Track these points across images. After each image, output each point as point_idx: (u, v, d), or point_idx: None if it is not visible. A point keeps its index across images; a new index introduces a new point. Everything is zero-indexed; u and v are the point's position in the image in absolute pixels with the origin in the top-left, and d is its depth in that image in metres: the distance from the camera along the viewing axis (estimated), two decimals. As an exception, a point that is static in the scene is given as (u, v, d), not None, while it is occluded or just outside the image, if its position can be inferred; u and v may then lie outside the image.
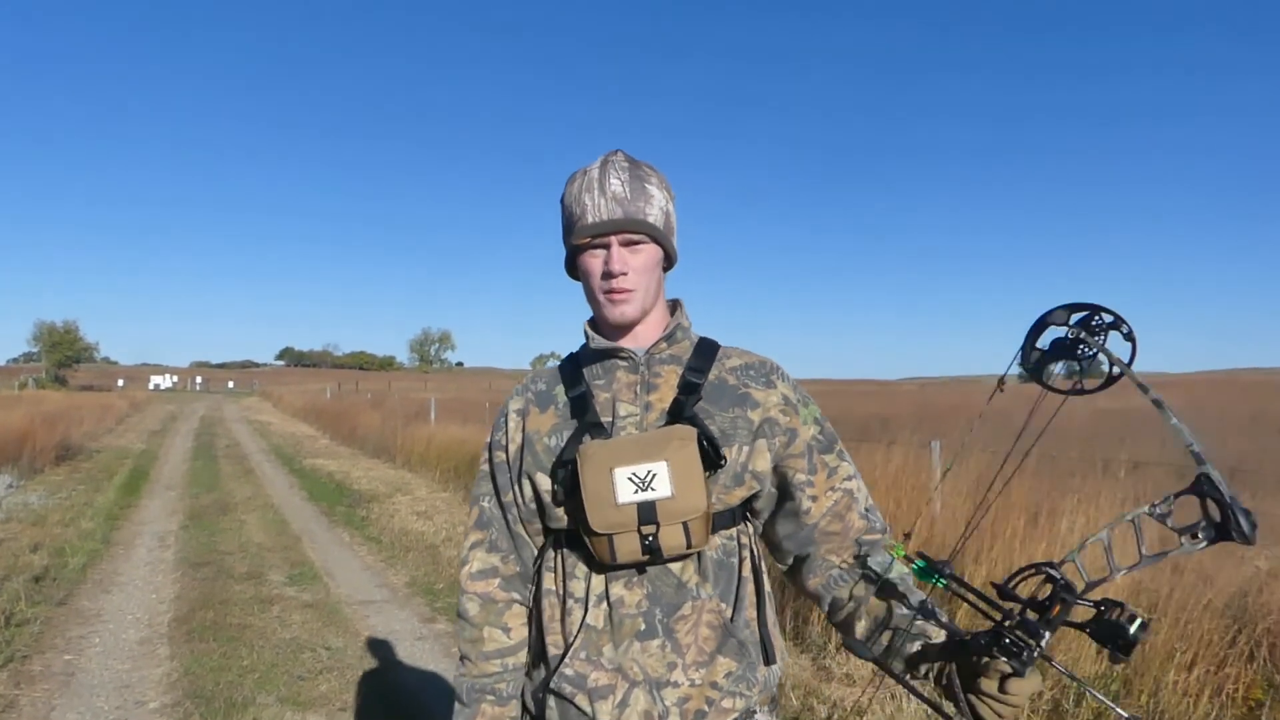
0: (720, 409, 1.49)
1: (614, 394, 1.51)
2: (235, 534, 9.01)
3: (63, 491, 11.82)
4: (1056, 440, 7.18)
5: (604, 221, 1.46)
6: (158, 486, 12.91)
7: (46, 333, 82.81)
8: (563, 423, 1.52)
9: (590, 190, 1.47)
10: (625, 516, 1.37)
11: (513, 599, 1.55)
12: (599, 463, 1.40)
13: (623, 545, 1.39)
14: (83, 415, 22.73)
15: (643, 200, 1.47)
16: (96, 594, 6.59)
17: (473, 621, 1.54)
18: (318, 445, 20.68)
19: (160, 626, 5.76)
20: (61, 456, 15.61)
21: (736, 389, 1.52)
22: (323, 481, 13.49)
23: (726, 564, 1.49)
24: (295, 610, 6.16)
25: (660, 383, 1.51)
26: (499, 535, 1.57)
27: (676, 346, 1.55)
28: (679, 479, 1.37)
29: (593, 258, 1.49)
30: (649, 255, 1.50)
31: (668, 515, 1.37)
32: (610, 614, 1.45)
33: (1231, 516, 1.04)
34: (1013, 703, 1.18)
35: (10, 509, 10.06)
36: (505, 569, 1.56)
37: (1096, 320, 1.14)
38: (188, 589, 6.72)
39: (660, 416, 1.48)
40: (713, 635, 1.45)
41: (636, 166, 1.50)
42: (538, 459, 1.51)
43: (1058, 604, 1.12)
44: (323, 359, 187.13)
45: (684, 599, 1.45)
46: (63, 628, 5.69)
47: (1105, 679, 4.18)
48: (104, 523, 9.48)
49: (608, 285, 1.48)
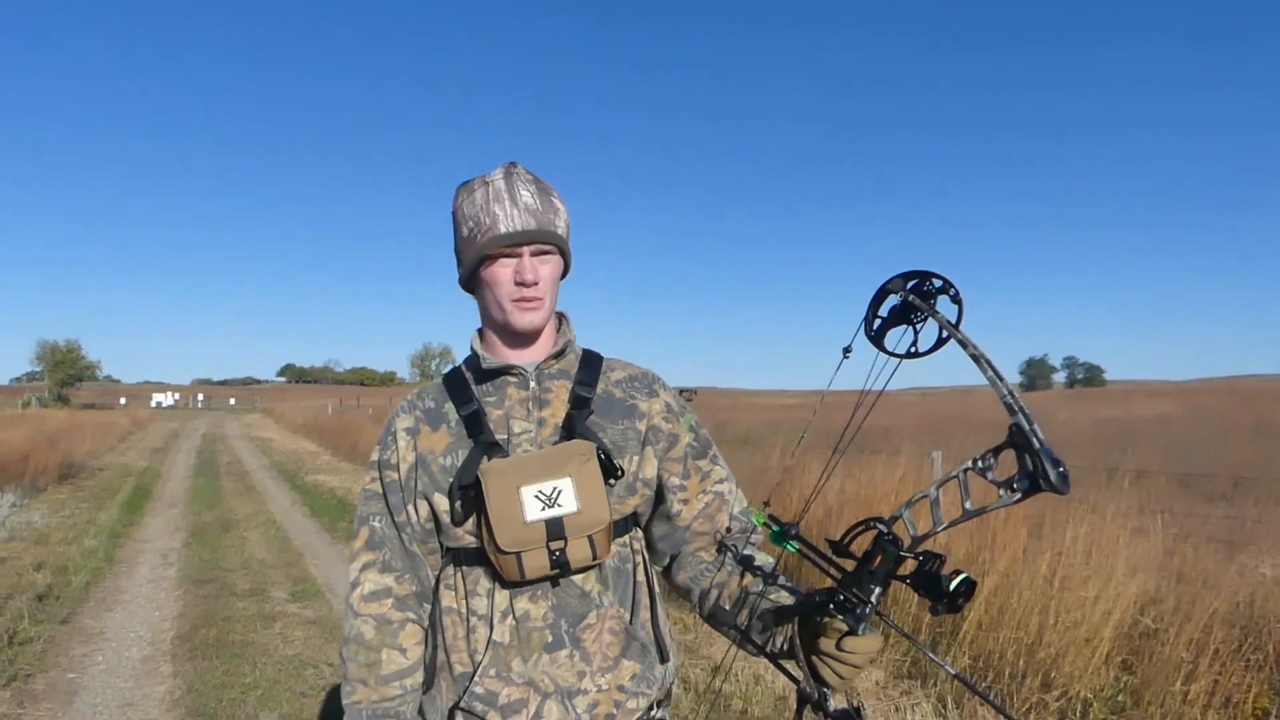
0: (611, 421, 1.54)
1: (506, 411, 1.53)
2: (237, 551, 9.00)
3: (66, 510, 11.82)
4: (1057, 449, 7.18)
5: (519, 231, 1.46)
6: (160, 504, 12.90)
7: (49, 352, 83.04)
8: (457, 441, 1.52)
9: (500, 200, 1.47)
10: (534, 534, 1.41)
11: (408, 619, 1.54)
12: (504, 482, 1.42)
13: (531, 562, 1.42)
14: (85, 434, 22.71)
15: (552, 212, 1.50)
16: (100, 612, 6.58)
17: (369, 644, 1.52)
18: (319, 461, 20.66)
19: (163, 644, 5.75)
20: (64, 475, 15.59)
21: (624, 401, 1.57)
22: (324, 497, 13.48)
23: (623, 570, 1.55)
24: (298, 627, 6.14)
25: (551, 398, 1.54)
26: (393, 555, 1.55)
27: (564, 361, 1.58)
28: (584, 494, 1.41)
29: (502, 267, 1.49)
30: (555, 266, 1.52)
31: (575, 529, 1.41)
32: (517, 629, 1.48)
33: (1040, 466, 1.05)
34: (851, 661, 1.22)
35: (13, 528, 10.06)
36: (399, 589, 1.54)
37: (927, 286, 1.17)
38: (190, 606, 6.71)
39: (554, 432, 1.51)
40: (615, 640, 1.50)
41: (539, 180, 1.52)
42: (434, 479, 1.51)
43: (879, 555, 1.16)
44: (324, 375, 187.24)
45: (588, 608, 1.49)
46: (66, 646, 5.68)
47: (1113, 687, 4.17)
48: (107, 541, 9.47)
49: (520, 294, 1.49)
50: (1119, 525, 4.78)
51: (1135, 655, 4.31)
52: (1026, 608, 4.54)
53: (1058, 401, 57.01)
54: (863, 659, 1.22)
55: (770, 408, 55.86)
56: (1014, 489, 1.08)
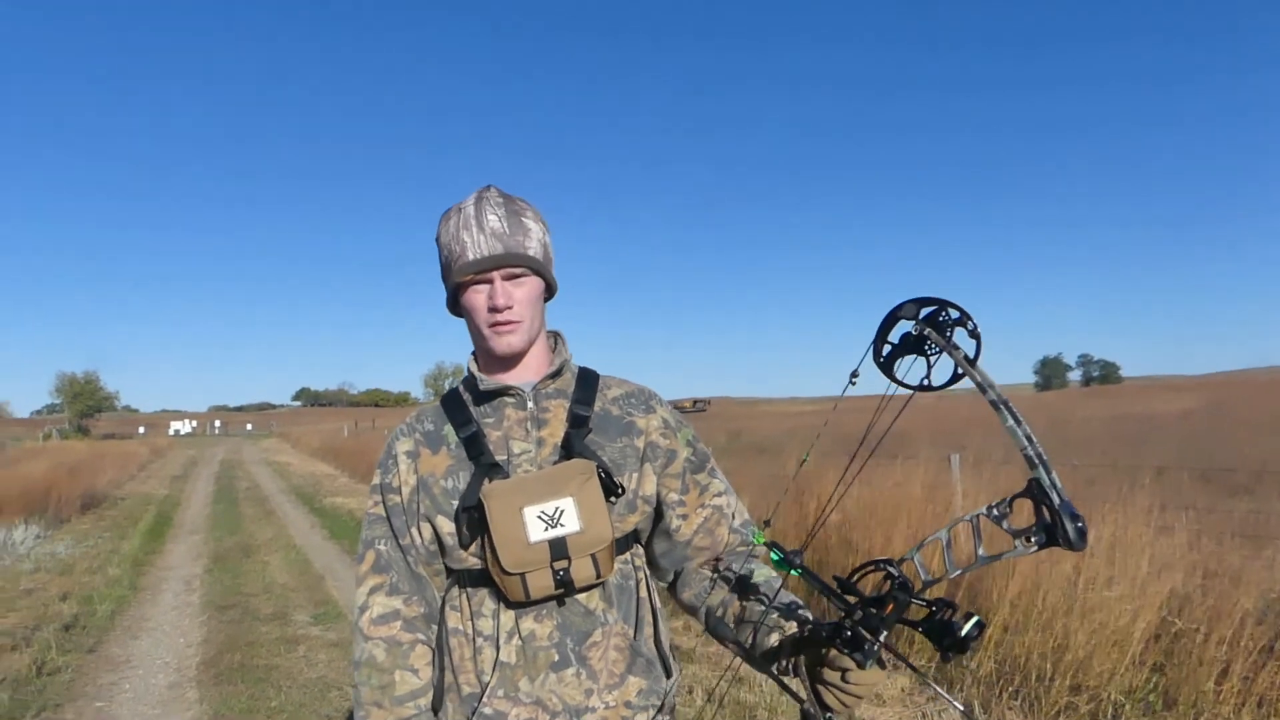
0: (609, 439, 1.54)
1: (505, 432, 1.54)
2: (259, 575, 9.04)
3: (89, 540, 11.90)
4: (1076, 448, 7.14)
5: (485, 257, 1.47)
6: (181, 531, 12.97)
7: (68, 384, 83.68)
8: (458, 464, 1.53)
9: (469, 227, 1.48)
10: (538, 554, 1.41)
11: (417, 640, 1.54)
12: (507, 503, 1.43)
13: (535, 582, 1.43)
14: (105, 464, 22.86)
15: (521, 234, 1.50)
16: (125, 640, 6.62)
17: (381, 667, 1.51)
18: (337, 484, 20.74)
19: (189, 670, 5.78)
20: (86, 505, 15.69)
21: (621, 419, 1.57)
22: (343, 519, 13.51)
23: (626, 588, 1.56)
24: (321, 649, 6.16)
25: (549, 418, 1.55)
26: (400, 578, 1.55)
27: (561, 380, 1.59)
28: (586, 513, 1.42)
29: (476, 293, 1.51)
30: (531, 287, 1.52)
31: (578, 549, 1.42)
32: (524, 648, 1.48)
33: (1059, 523, 1.04)
34: (854, 693, 1.23)
35: (38, 559, 10.13)
36: (408, 611, 1.54)
37: (944, 316, 1.12)
38: (214, 632, 6.74)
39: (553, 451, 1.52)
40: (621, 657, 1.51)
41: (511, 201, 1.53)
42: (436, 502, 1.52)
43: (890, 602, 1.15)
44: (338, 398, 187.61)
45: (593, 626, 1.50)
46: (93, 675, 5.72)
47: (1144, 688, 4.13)
48: (130, 569, 9.53)
49: (493, 318, 1.50)
50: (1143, 523, 4.74)
51: (1166, 655, 4.27)
52: (1052, 609, 4.51)
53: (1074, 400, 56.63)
54: (867, 690, 1.23)
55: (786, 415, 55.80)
56: (1030, 540, 1.07)
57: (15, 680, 5.46)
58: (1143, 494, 5.01)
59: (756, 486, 7.97)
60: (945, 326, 1.12)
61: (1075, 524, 1.03)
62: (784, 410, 71.52)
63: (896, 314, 1.16)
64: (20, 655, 6.02)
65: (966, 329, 1.11)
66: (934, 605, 1.13)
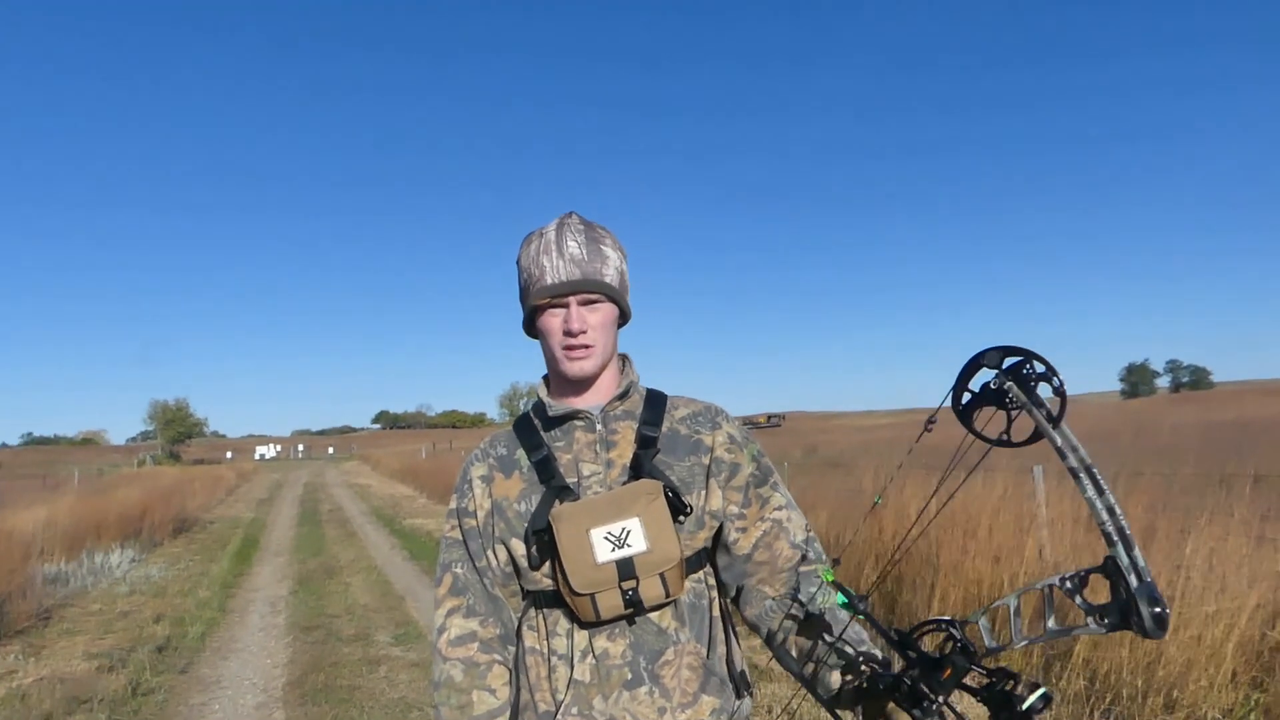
0: (677, 459, 1.56)
1: (575, 454, 1.56)
2: (342, 597, 9.22)
3: (181, 563, 12.29)
4: (1166, 457, 6.86)
5: (563, 283, 1.51)
6: (267, 553, 13.33)
7: (160, 411, 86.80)
8: (530, 487, 1.56)
9: (549, 252, 1.52)
10: (605, 574, 1.44)
11: (494, 660, 1.56)
12: (575, 525, 1.45)
13: (605, 602, 1.45)
14: (195, 489, 23.64)
15: (599, 261, 1.53)
16: (215, 661, 6.80)
17: (459, 687, 1.53)
18: (416, 505, 21.09)
19: (275, 690, 5.91)
20: (178, 529, 16.24)
21: (689, 437, 1.59)
22: (423, 541, 13.71)
23: (699, 606, 1.56)
24: (402, 670, 6.24)
25: (618, 439, 1.57)
26: (476, 600, 1.58)
27: (629, 402, 1.61)
28: (653, 532, 1.44)
29: (552, 317, 1.54)
30: (606, 313, 1.55)
31: (646, 568, 1.44)
32: (597, 667, 1.50)
33: (1135, 607, 0.99)
34: None
35: (133, 582, 10.49)
36: (484, 632, 1.57)
37: (1028, 369, 1.07)
38: (299, 653, 6.89)
39: (622, 472, 1.54)
40: (694, 676, 1.51)
41: (591, 228, 1.56)
42: (510, 525, 1.55)
43: (949, 667, 1.11)
44: (416, 420, 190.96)
45: (665, 645, 1.51)
46: (185, 695, 5.88)
47: (1244, 706, 3.95)
48: (219, 591, 9.81)
49: (567, 342, 1.53)
50: (1241, 534, 4.54)
51: (1266, 672, 4.08)
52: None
53: (1163, 406, 54.68)
54: None
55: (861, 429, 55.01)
56: (1102, 619, 1.02)
57: (113, 700, 5.65)
58: (1240, 503, 4.80)
59: (833, 501, 7.86)
60: (1029, 380, 1.08)
61: (1153, 609, 0.98)
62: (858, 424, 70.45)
63: (979, 361, 1.12)
64: (117, 676, 6.23)
65: (1051, 385, 1.07)
66: (994, 674, 1.09)
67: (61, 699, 5.64)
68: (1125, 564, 1.00)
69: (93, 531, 12.50)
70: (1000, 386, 1.09)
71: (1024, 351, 1.08)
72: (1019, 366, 1.09)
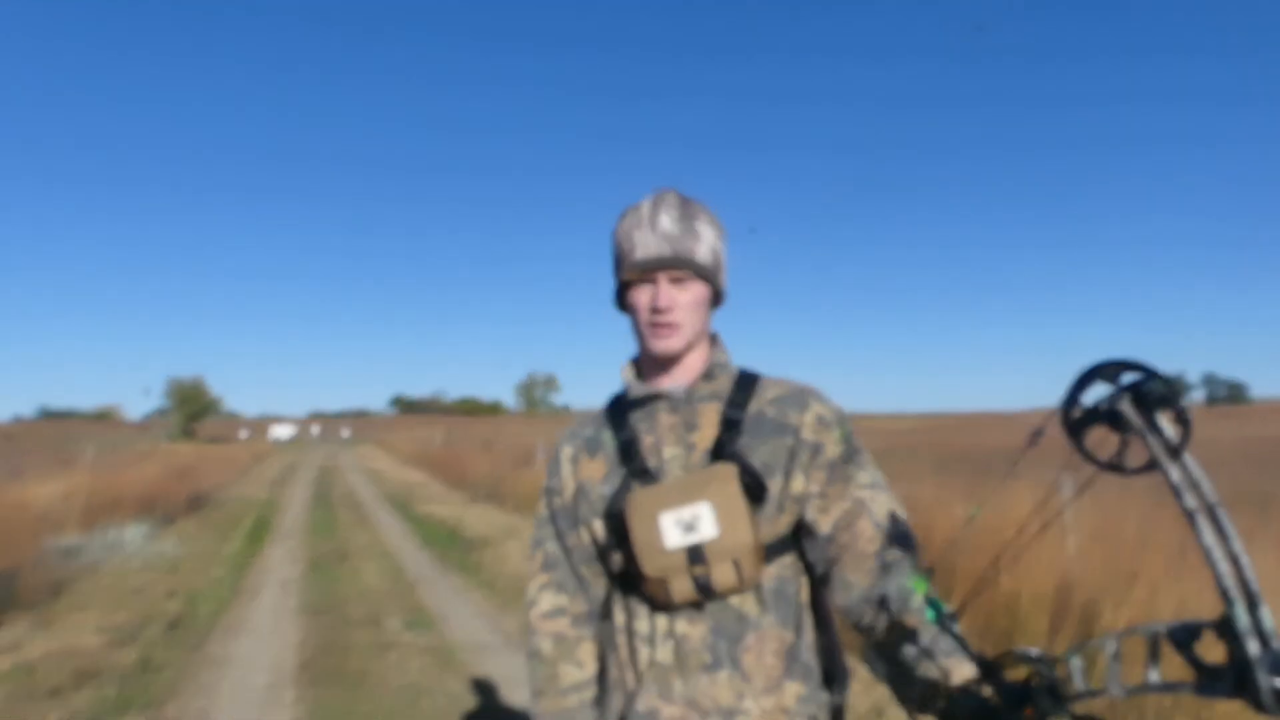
0: (761, 441, 1.52)
1: (658, 436, 1.56)
2: (353, 580, 9.22)
3: (194, 541, 12.34)
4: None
5: (653, 258, 1.50)
6: (280, 535, 13.36)
7: (176, 389, 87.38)
8: (613, 469, 1.58)
9: (641, 227, 1.51)
10: (675, 560, 1.43)
11: (582, 635, 1.61)
12: (644, 510, 1.46)
13: (677, 587, 1.45)
14: (210, 467, 23.78)
15: (691, 239, 1.51)
16: (226, 640, 6.79)
17: (547, 659, 1.60)
18: (430, 491, 21.11)
19: (286, 672, 5.89)
20: (192, 507, 16.34)
21: (776, 420, 1.54)
22: (435, 527, 13.72)
23: (784, 592, 1.53)
24: (413, 656, 6.22)
25: (702, 421, 1.55)
26: (565, 576, 1.63)
27: (715, 383, 1.58)
28: (724, 518, 1.42)
29: (641, 292, 1.53)
30: (696, 292, 1.53)
31: (716, 555, 1.42)
32: (677, 649, 1.50)
33: (1252, 677, 0.85)
34: None
35: (147, 558, 10.53)
36: (573, 608, 1.62)
37: (1148, 387, 0.93)
38: (310, 635, 6.88)
39: (704, 455, 1.52)
40: (778, 662, 1.49)
41: (687, 205, 1.54)
42: (593, 506, 1.58)
43: (1030, 706, 1.02)
44: (432, 405, 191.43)
45: (746, 630, 1.49)
46: (196, 673, 5.87)
47: None
48: (232, 571, 9.84)
49: (654, 319, 1.52)
50: (1276, 556, 4.43)
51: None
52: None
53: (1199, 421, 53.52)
54: None
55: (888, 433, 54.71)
56: (1212, 683, 0.89)
57: (123, 675, 5.65)
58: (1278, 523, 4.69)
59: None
60: (1148, 401, 0.93)
61: (1273, 680, 0.84)
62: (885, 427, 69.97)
63: (1094, 374, 0.99)
64: (127, 651, 6.23)
65: (1174, 410, 0.93)
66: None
67: (71, 673, 5.65)
68: (1245, 626, 0.86)
69: (107, 506, 12.55)
70: (1113, 408, 0.96)
71: (1146, 369, 0.95)
72: (1138, 386, 0.95)
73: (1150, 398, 0.93)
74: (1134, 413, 0.93)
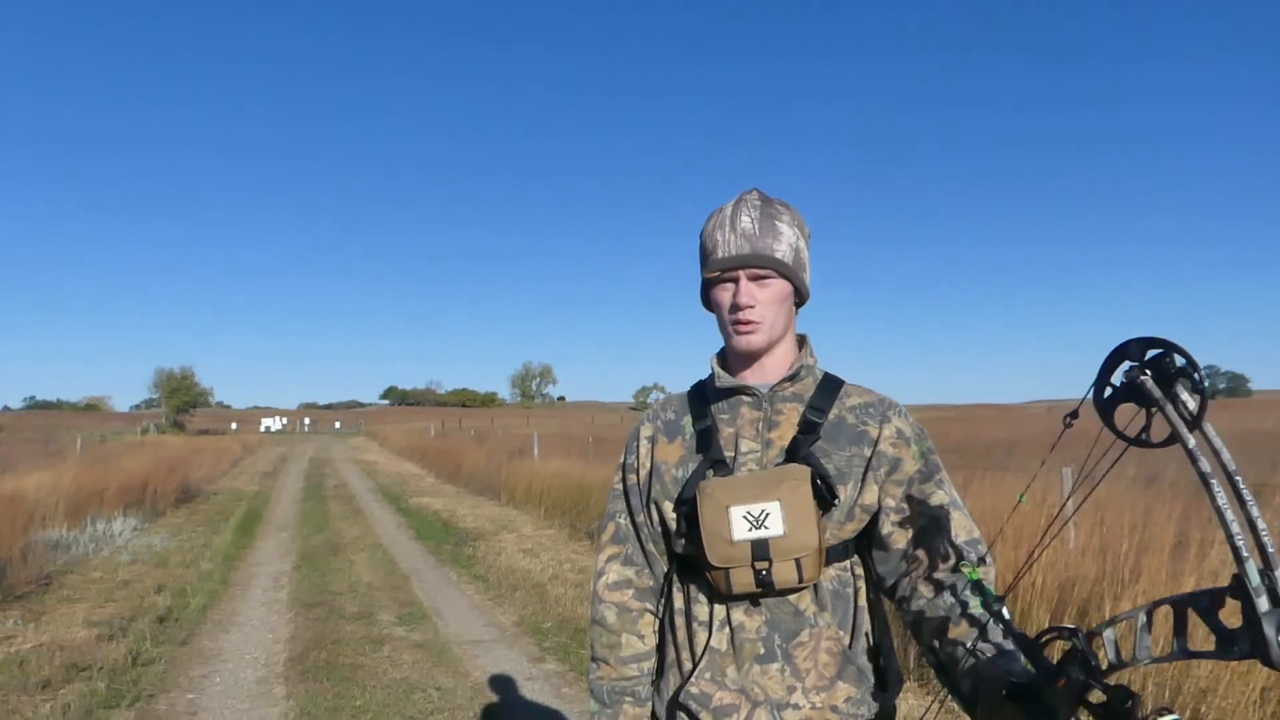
0: (838, 447, 1.55)
1: (737, 429, 1.59)
2: (345, 574, 9.15)
3: (183, 534, 12.25)
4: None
5: (732, 257, 1.54)
6: (270, 528, 13.28)
7: (165, 379, 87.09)
8: (689, 455, 1.61)
9: (723, 227, 1.56)
10: (740, 552, 1.46)
11: (646, 609, 1.65)
12: (716, 501, 1.48)
13: (738, 578, 1.48)
14: (200, 459, 23.67)
15: (771, 237, 1.55)
16: (216, 634, 6.74)
17: (610, 628, 1.64)
18: (423, 484, 21.05)
19: (276, 666, 5.84)
20: (181, 499, 16.24)
21: (855, 427, 1.57)
22: (429, 520, 13.66)
23: (843, 594, 1.56)
24: (405, 650, 6.17)
25: (782, 420, 1.58)
26: (633, 550, 1.67)
27: (799, 384, 1.61)
28: (791, 518, 1.45)
29: (723, 291, 1.58)
30: (777, 290, 1.56)
31: (780, 552, 1.45)
32: (732, 638, 1.54)
33: (1262, 636, 0.89)
34: None
35: (135, 551, 10.45)
36: (639, 581, 1.66)
37: (1168, 361, 0.99)
38: (301, 629, 6.82)
39: (780, 454, 1.55)
40: (832, 661, 1.52)
41: (769, 204, 1.58)
42: (665, 488, 1.61)
43: (1063, 678, 1.04)
44: (426, 397, 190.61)
45: (801, 626, 1.52)
46: (185, 667, 5.82)
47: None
48: (222, 564, 9.76)
49: (735, 317, 1.56)
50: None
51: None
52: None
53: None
54: None
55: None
56: (1232, 646, 0.93)
57: (112, 669, 5.58)
58: (1276, 517, 4.67)
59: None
60: (1168, 375, 0.98)
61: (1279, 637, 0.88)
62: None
63: (1121, 353, 1.04)
64: (117, 645, 6.16)
65: (1191, 381, 0.97)
66: (1114, 692, 1.01)
67: (61, 666, 5.58)
68: (1255, 585, 0.90)
69: (95, 499, 12.47)
70: (1134, 380, 1.00)
71: (1167, 344, 0.99)
72: (1160, 359, 0.99)
73: (1169, 371, 0.98)
74: (1154, 386, 0.98)
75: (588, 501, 11.80)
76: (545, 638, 6.45)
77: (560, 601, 7.50)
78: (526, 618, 7.09)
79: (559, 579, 8.41)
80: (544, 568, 9.03)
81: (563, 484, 13.38)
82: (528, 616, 7.13)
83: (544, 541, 10.86)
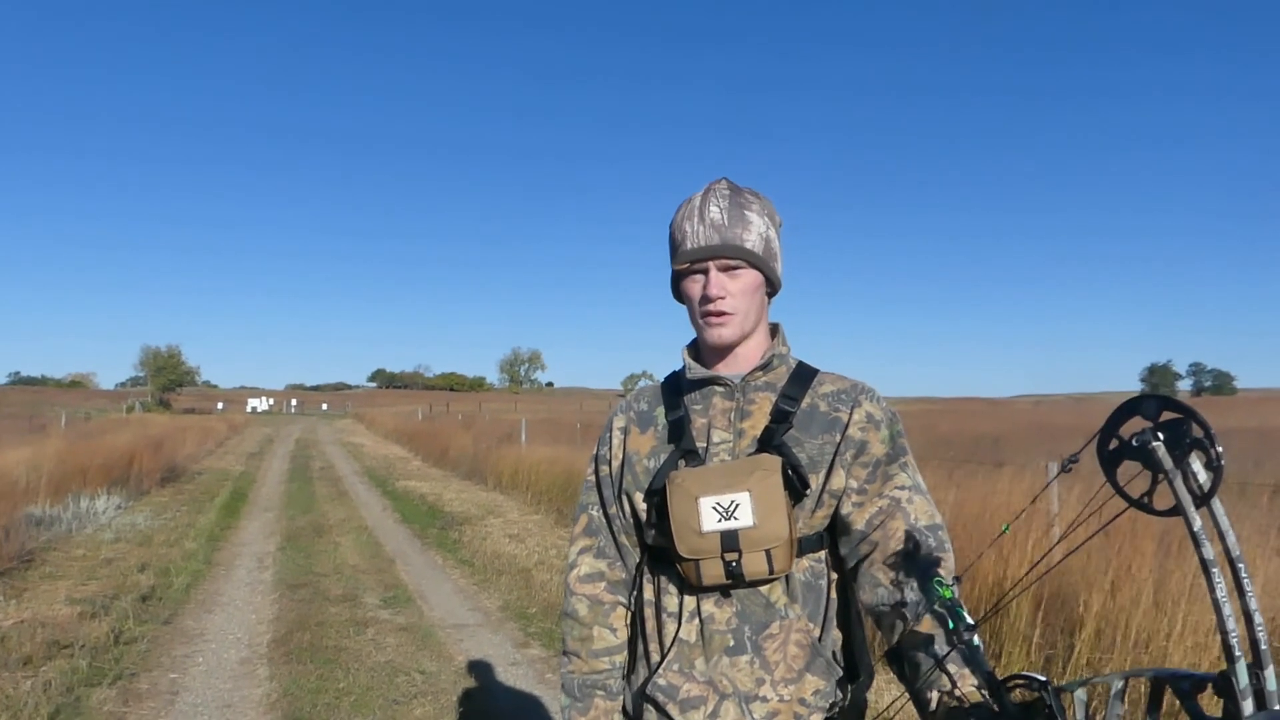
0: (810, 436, 1.54)
1: (710, 419, 1.58)
2: (330, 556, 9.13)
3: (167, 513, 12.19)
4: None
5: (701, 248, 1.53)
6: (256, 508, 13.23)
7: (152, 357, 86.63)
8: (660, 445, 1.60)
9: (691, 218, 1.54)
10: (709, 544, 1.45)
11: (618, 601, 1.64)
12: (685, 492, 1.47)
13: (707, 569, 1.47)
14: (185, 438, 23.54)
15: (740, 227, 1.53)
16: (200, 614, 6.71)
17: (582, 621, 1.63)
18: (410, 467, 21.01)
19: (260, 647, 5.82)
20: (166, 478, 16.15)
21: (828, 415, 1.56)
22: (415, 504, 13.64)
23: (815, 585, 1.55)
24: (389, 633, 6.16)
25: (754, 410, 1.57)
26: (605, 543, 1.66)
27: (772, 373, 1.60)
28: (761, 509, 1.43)
29: (693, 282, 1.57)
30: (748, 280, 1.55)
31: (750, 543, 1.44)
32: (702, 629, 1.53)
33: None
34: None
35: (119, 529, 10.39)
36: (611, 574, 1.65)
37: (1185, 428, 0.94)
38: (285, 610, 6.80)
39: (752, 444, 1.53)
40: (801, 654, 1.51)
41: (738, 194, 1.56)
42: (637, 479, 1.60)
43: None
44: (414, 380, 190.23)
45: (772, 618, 1.51)
46: (168, 646, 5.80)
47: None
48: (206, 544, 9.72)
49: (706, 309, 1.54)
50: (1257, 545, 4.44)
51: None
52: (1149, 632, 4.27)
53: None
54: None
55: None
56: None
57: (94, 648, 5.56)
58: (1258, 513, 4.71)
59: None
60: (1183, 444, 0.94)
61: None
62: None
63: (1134, 407, 1.01)
64: (99, 623, 6.13)
65: (1207, 456, 0.93)
66: None
67: (42, 643, 5.55)
68: (1243, 686, 0.87)
69: (79, 476, 12.39)
70: (1146, 445, 0.95)
71: (1186, 410, 0.95)
72: (1176, 426, 0.95)
73: (1184, 440, 0.93)
74: (1166, 454, 0.94)
75: (575, 488, 11.78)
76: (530, 623, 6.45)
77: (545, 587, 7.50)
78: (511, 603, 7.09)
79: (544, 564, 8.41)
80: (530, 553, 9.03)
81: (550, 470, 13.37)
82: (513, 601, 7.13)
83: (530, 527, 10.86)
